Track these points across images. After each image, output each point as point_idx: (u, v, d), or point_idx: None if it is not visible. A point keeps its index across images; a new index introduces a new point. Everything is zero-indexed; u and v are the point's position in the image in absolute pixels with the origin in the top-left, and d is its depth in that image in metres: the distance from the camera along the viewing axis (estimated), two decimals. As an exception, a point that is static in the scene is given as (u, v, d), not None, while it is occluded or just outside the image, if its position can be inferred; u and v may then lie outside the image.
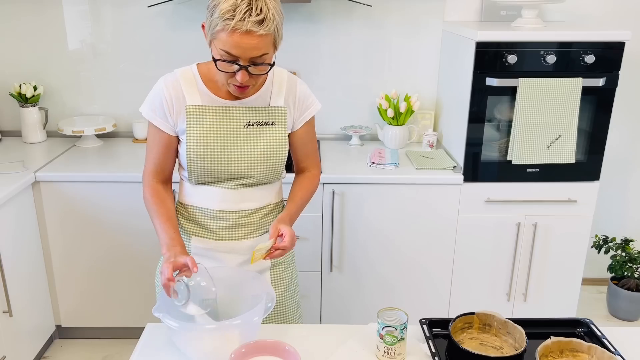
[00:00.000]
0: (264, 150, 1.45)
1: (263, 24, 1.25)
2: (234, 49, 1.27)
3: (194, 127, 1.42)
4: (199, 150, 1.42)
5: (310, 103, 1.52)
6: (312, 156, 1.59)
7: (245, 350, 1.23)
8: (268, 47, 1.30)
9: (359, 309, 2.56)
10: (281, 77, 1.49)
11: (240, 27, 1.24)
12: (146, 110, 1.45)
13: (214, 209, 1.48)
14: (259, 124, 1.45)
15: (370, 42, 2.78)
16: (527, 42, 2.25)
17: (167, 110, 1.43)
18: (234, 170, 1.45)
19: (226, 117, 1.44)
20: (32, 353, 2.42)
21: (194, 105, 1.42)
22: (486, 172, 2.42)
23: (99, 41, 2.77)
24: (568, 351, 1.27)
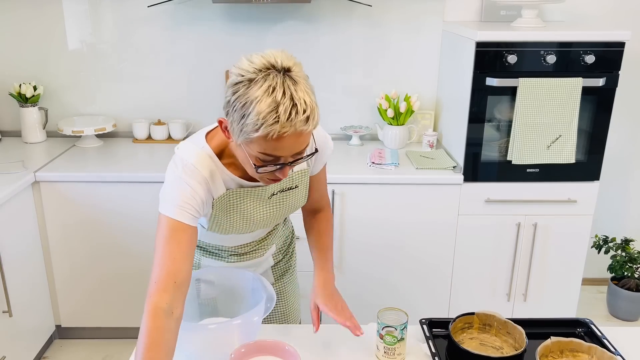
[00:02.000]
0: (286, 212, 1.40)
1: (310, 120, 1.05)
2: (279, 152, 1.08)
3: (217, 214, 1.28)
4: (220, 229, 1.33)
5: (327, 150, 1.38)
6: (325, 195, 1.51)
7: (245, 350, 1.23)
8: (309, 138, 1.12)
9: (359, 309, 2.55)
10: None
11: (287, 130, 1.03)
12: (176, 211, 1.17)
13: (229, 246, 1.48)
14: (282, 191, 1.34)
15: (370, 42, 2.78)
16: (527, 42, 2.25)
17: (201, 207, 1.21)
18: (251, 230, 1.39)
19: (250, 196, 1.30)
20: (32, 353, 2.42)
21: (220, 195, 1.26)
22: (486, 172, 2.42)
23: (99, 41, 2.77)
24: (568, 351, 1.27)
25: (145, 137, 2.82)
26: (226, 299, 1.44)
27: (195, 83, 2.83)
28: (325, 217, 1.51)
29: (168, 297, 1.12)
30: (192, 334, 1.26)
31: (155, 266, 1.15)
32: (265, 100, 1.01)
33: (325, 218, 1.51)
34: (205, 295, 1.45)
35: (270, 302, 1.30)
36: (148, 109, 2.87)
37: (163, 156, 2.63)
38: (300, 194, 1.39)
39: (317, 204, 1.50)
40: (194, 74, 2.83)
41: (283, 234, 1.59)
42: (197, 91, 2.84)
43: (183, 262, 1.16)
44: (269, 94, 1.02)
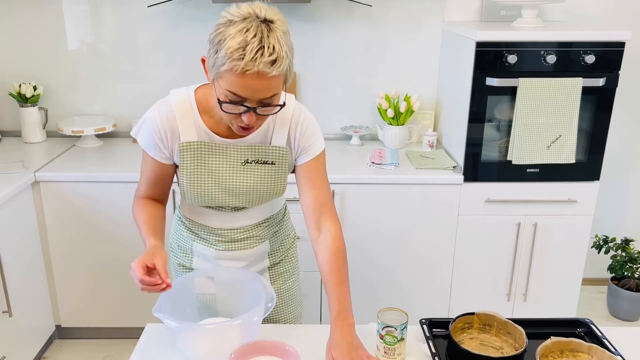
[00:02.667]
0: (261, 187, 1.39)
1: (275, 65, 1.12)
2: (243, 91, 1.15)
3: (187, 164, 1.35)
4: (191, 186, 1.37)
5: (314, 140, 1.38)
6: (327, 206, 1.39)
7: (245, 350, 1.22)
8: (278, 87, 1.18)
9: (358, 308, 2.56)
10: (286, 113, 1.35)
11: (251, 69, 1.11)
12: (140, 138, 1.37)
13: (212, 226, 1.47)
14: (257, 162, 1.36)
15: (370, 42, 2.78)
16: (527, 42, 2.25)
17: (161, 143, 1.34)
18: (227, 202, 1.40)
19: (222, 154, 1.35)
20: (32, 353, 2.42)
21: (188, 142, 1.33)
22: (486, 172, 2.42)
23: (98, 41, 2.77)
24: (568, 351, 1.27)
25: (145, 137, 2.82)
26: (226, 299, 1.43)
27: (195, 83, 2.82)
28: (335, 243, 1.37)
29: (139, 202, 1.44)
30: (191, 334, 1.26)
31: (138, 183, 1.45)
32: (237, 38, 1.12)
33: (336, 245, 1.37)
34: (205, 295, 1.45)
35: (270, 302, 1.30)
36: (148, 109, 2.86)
37: (163, 156, 2.62)
38: (278, 176, 1.39)
39: (317, 211, 1.38)
40: (194, 74, 2.82)
41: (280, 235, 1.58)
42: (197, 91, 2.84)
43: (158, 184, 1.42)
44: (241, 33, 1.12)
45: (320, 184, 1.40)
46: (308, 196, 1.39)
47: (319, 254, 1.38)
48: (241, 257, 1.51)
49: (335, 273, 1.35)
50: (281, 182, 1.41)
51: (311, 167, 1.39)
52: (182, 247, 1.58)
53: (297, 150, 1.39)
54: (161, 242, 1.34)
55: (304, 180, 1.40)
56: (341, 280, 1.35)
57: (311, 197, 1.39)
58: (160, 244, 1.33)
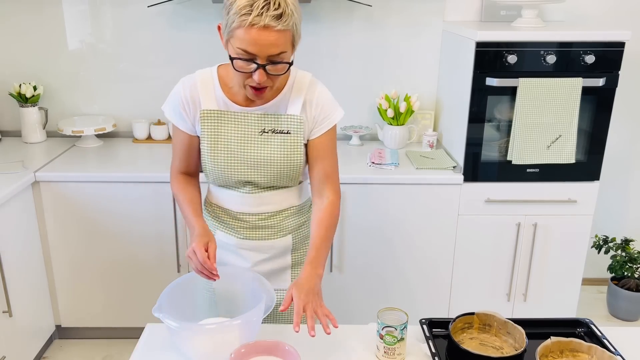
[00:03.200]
0: (278, 158, 1.42)
1: (281, 19, 1.22)
2: (251, 46, 1.23)
3: (207, 132, 1.42)
4: (212, 154, 1.42)
5: (329, 112, 1.45)
6: (331, 177, 1.48)
7: (245, 350, 1.22)
8: (286, 45, 1.26)
9: (359, 309, 2.56)
10: (301, 84, 1.43)
11: (257, 22, 1.21)
12: (167, 110, 1.47)
13: (234, 210, 1.50)
14: (274, 131, 1.42)
15: (370, 42, 2.78)
16: (527, 42, 2.25)
17: (185, 112, 1.43)
18: (246, 175, 1.44)
19: (241, 123, 1.42)
20: (32, 353, 2.42)
21: (209, 109, 1.42)
22: (486, 172, 2.42)
23: (98, 41, 2.77)
24: (568, 351, 1.27)
25: (145, 137, 2.82)
26: (226, 299, 1.44)
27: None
28: (330, 207, 1.46)
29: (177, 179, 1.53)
30: (192, 334, 1.27)
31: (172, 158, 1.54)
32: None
33: (329, 209, 1.46)
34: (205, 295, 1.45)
35: (270, 302, 1.30)
36: (148, 109, 2.87)
37: (163, 156, 2.63)
38: (294, 146, 1.42)
39: (320, 184, 1.46)
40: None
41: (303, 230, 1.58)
42: (197, 91, 2.84)
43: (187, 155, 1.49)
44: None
45: (329, 157, 1.47)
46: (316, 168, 1.46)
47: (313, 213, 1.47)
48: (262, 248, 1.53)
49: (321, 228, 1.43)
50: (297, 153, 1.43)
51: (324, 141, 1.45)
52: None
53: (312, 122, 1.44)
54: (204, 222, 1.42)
55: (314, 153, 1.46)
56: (325, 237, 1.42)
57: (319, 169, 1.46)
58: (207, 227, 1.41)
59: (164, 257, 2.51)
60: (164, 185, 2.40)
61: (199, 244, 1.31)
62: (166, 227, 2.46)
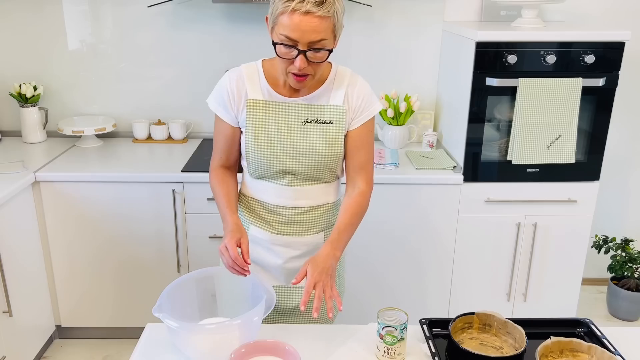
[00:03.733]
0: (320, 148, 1.45)
1: (323, 6, 1.27)
2: (293, 32, 1.28)
3: (252, 121, 1.45)
4: (256, 143, 1.45)
5: (369, 104, 1.49)
6: (365, 168, 1.52)
7: (245, 350, 1.23)
8: (327, 33, 1.30)
9: (359, 308, 2.56)
10: (343, 76, 1.48)
11: (299, 8, 1.26)
12: (212, 102, 1.51)
13: (271, 203, 1.52)
14: (316, 121, 1.46)
15: (370, 42, 2.78)
16: (527, 42, 2.25)
17: (229, 103, 1.47)
18: (289, 165, 1.46)
19: (285, 113, 1.46)
20: (32, 353, 2.42)
21: (255, 99, 1.46)
22: (486, 172, 2.42)
23: (99, 41, 2.77)
24: (568, 351, 1.27)
25: (145, 137, 2.82)
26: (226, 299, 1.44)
27: (196, 83, 2.83)
28: (359, 197, 1.50)
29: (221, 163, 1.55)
30: (192, 334, 1.27)
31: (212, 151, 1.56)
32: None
33: (358, 198, 1.50)
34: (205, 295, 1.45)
35: (270, 302, 1.30)
36: (148, 109, 2.87)
37: (163, 156, 2.63)
38: (336, 136, 1.46)
39: (353, 173, 1.51)
40: (194, 74, 2.83)
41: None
42: (197, 91, 2.84)
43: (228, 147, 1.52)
44: None
45: (365, 148, 1.50)
46: (352, 158, 1.50)
47: (344, 201, 1.51)
48: (295, 245, 1.54)
49: (347, 213, 1.47)
50: (339, 142, 1.47)
51: (362, 132, 1.49)
52: None
53: (353, 113, 1.47)
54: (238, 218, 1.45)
55: (351, 144, 1.49)
56: (350, 222, 1.46)
57: (355, 159, 1.50)
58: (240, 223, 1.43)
59: (164, 257, 2.51)
60: (164, 185, 2.40)
61: (231, 240, 1.34)
62: (166, 227, 2.46)
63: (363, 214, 1.51)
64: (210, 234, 2.46)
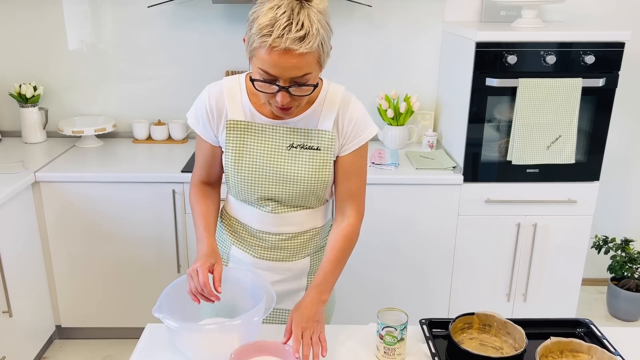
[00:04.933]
0: (306, 176, 1.35)
1: (304, 41, 1.12)
2: (273, 69, 1.15)
3: (232, 144, 1.35)
4: (236, 168, 1.36)
5: (362, 129, 1.36)
6: (356, 197, 1.40)
7: (245, 350, 1.23)
8: (311, 66, 1.17)
9: (358, 309, 2.56)
10: (334, 98, 1.35)
11: (278, 45, 1.12)
12: (190, 119, 1.40)
13: (253, 227, 1.44)
14: (303, 147, 1.34)
15: (370, 43, 2.78)
16: (527, 43, 2.25)
17: (209, 121, 1.36)
18: (271, 192, 1.37)
19: (268, 136, 1.34)
20: (32, 353, 2.42)
21: (235, 120, 1.34)
22: (486, 173, 2.42)
23: (99, 41, 2.77)
24: (568, 351, 1.27)
25: (145, 137, 2.82)
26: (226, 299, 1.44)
27: (196, 83, 2.83)
28: (348, 229, 1.40)
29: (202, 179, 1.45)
30: (192, 334, 1.27)
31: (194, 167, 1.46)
32: (267, 14, 1.13)
33: (347, 231, 1.39)
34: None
35: (270, 302, 1.30)
36: (148, 109, 2.87)
37: (163, 156, 2.63)
38: (323, 163, 1.35)
39: (343, 203, 1.40)
40: (194, 74, 2.83)
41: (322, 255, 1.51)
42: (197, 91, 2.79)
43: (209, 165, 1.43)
44: (272, 10, 1.13)
45: (356, 176, 1.40)
46: (342, 186, 1.40)
47: (331, 232, 1.42)
48: (279, 270, 1.47)
49: (335, 251, 1.38)
50: (326, 170, 1.36)
51: (353, 159, 1.38)
52: (220, 251, 1.53)
53: (343, 139, 1.36)
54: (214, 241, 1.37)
55: (341, 171, 1.39)
56: (338, 260, 1.37)
57: (345, 187, 1.40)
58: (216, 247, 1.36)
59: (163, 257, 2.51)
60: (164, 185, 2.40)
61: (204, 265, 1.25)
62: (166, 227, 2.46)
63: (352, 248, 1.40)
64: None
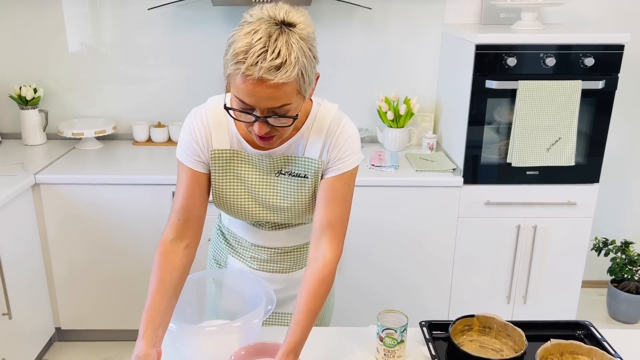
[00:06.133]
0: (295, 203, 1.31)
1: (280, 70, 1.03)
2: (248, 98, 1.07)
3: (218, 174, 1.29)
4: (224, 197, 1.31)
5: (344, 155, 1.26)
6: (334, 228, 1.25)
7: (245, 352, 1.22)
8: (289, 97, 1.08)
9: (358, 311, 2.56)
10: (323, 122, 1.26)
11: (251, 74, 1.02)
12: (183, 156, 1.28)
13: (249, 241, 1.43)
14: (290, 174, 1.28)
15: (370, 45, 2.79)
16: (527, 45, 2.25)
17: (198, 148, 1.27)
18: (261, 217, 1.34)
19: (255, 165, 1.28)
20: (31, 355, 2.42)
21: (220, 149, 1.27)
22: (486, 175, 2.43)
23: (99, 43, 2.78)
24: (568, 354, 1.27)
25: (145, 139, 2.82)
26: (226, 301, 1.44)
27: (196, 85, 2.83)
28: (323, 271, 1.22)
29: (173, 231, 1.26)
30: (192, 336, 1.27)
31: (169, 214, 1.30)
32: (243, 40, 1.04)
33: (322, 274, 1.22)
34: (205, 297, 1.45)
35: (270, 305, 1.30)
36: (148, 111, 2.88)
37: (163, 158, 2.63)
38: (312, 190, 1.29)
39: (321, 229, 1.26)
40: (194, 76, 2.83)
41: None
42: (197, 93, 2.84)
43: (187, 200, 1.27)
44: (249, 35, 1.05)
45: (336, 204, 1.26)
46: (319, 213, 1.26)
47: (305, 274, 1.24)
48: (277, 280, 1.46)
49: (310, 301, 1.20)
50: (313, 200, 1.30)
51: (334, 184, 1.26)
52: (217, 259, 1.55)
53: (326, 162, 1.27)
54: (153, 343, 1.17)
55: (321, 194, 1.27)
56: (313, 312, 1.19)
57: (321, 215, 1.26)
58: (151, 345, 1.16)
59: (163, 260, 2.50)
60: (163, 187, 2.40)
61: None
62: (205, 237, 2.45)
63: (327, 292, 1.22)
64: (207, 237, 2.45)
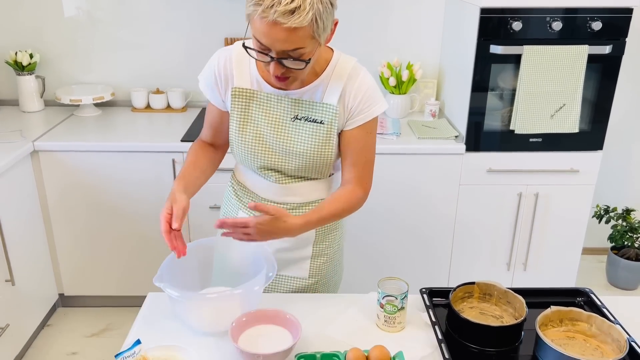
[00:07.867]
0: (309, 149, 1.33)
1: (294, 15, 1.07)
2: (263, 38, 1.12)
3: (237, 112, 1.34)
4: (240, 136, 1.35)
5: (368, 105, 1.32)
6: (360, 170, 1.36)
7: (247, 319, 1.23)
8: (303, 42, 1.12)
9: (359, 278, 2.58)
10: (343, 70, 1.32)
11: (267, 16, 1.08)
12: (201, 82, 1.39)
13: (259, 195, 1.45)
14: (307, 119, 1.32)
15: (372, 9, 2.73)
16: (533, 9, 2.20)
17: (217, 86, 1.36)
18: (273, 163, 1.37)
19: (273, 106, 1.33)
20: (35, 321, 2.45)
21: (241, 88, 1.33)
22: (488, 142, 2.40)
23: (95, 8, 2.72)
24: (568, 320, 1.27)
25: (143, 106, 2.79)
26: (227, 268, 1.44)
27: (194, 51, 2.78)
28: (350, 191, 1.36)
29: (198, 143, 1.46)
30: (193, 303, 1.27)
31: None
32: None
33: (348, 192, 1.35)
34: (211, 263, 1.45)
35: (272, 272, 1.30)
36: (147, 78, 2.84)
37: (162, 125, 2.61)
38: (327, 138, 1.32)
39: (347, 175, 1.37)
40: (193, 42, 2.78)
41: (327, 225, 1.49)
42: (196, 59, 2.79)
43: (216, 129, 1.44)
44: None
45: (362, 153, 1.35)
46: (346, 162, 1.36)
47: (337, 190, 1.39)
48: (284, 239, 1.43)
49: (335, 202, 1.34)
50: (329, 145, 1.34)
51: (357, 135, 1.34)
52: (227, 215, 1.55)
53: (348, 113, 1.32)
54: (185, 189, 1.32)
55: (345, 146, 1.35)
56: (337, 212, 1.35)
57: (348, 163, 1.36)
58: (182, 191, 1.30)
59: (164, 227, 2.51)
60: (163, 154, 2.38)
61: (163, 212, 1.23)
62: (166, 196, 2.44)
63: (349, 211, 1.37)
64: (211, 204, 2.45)
